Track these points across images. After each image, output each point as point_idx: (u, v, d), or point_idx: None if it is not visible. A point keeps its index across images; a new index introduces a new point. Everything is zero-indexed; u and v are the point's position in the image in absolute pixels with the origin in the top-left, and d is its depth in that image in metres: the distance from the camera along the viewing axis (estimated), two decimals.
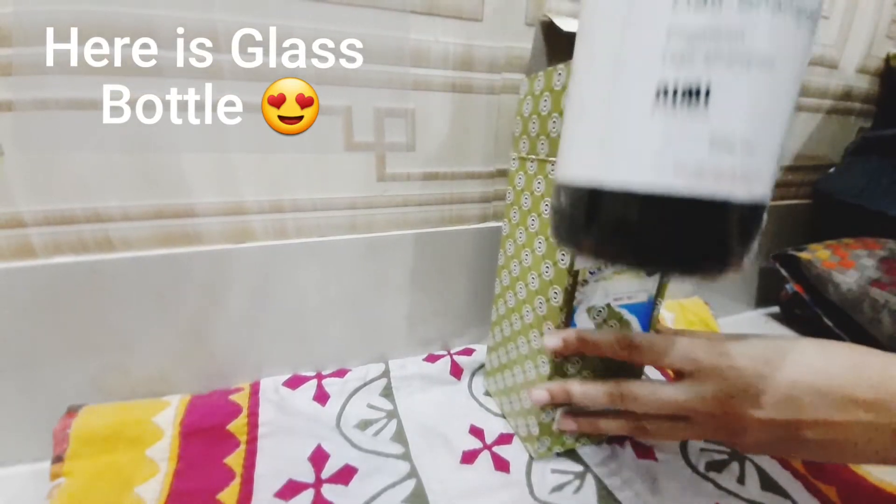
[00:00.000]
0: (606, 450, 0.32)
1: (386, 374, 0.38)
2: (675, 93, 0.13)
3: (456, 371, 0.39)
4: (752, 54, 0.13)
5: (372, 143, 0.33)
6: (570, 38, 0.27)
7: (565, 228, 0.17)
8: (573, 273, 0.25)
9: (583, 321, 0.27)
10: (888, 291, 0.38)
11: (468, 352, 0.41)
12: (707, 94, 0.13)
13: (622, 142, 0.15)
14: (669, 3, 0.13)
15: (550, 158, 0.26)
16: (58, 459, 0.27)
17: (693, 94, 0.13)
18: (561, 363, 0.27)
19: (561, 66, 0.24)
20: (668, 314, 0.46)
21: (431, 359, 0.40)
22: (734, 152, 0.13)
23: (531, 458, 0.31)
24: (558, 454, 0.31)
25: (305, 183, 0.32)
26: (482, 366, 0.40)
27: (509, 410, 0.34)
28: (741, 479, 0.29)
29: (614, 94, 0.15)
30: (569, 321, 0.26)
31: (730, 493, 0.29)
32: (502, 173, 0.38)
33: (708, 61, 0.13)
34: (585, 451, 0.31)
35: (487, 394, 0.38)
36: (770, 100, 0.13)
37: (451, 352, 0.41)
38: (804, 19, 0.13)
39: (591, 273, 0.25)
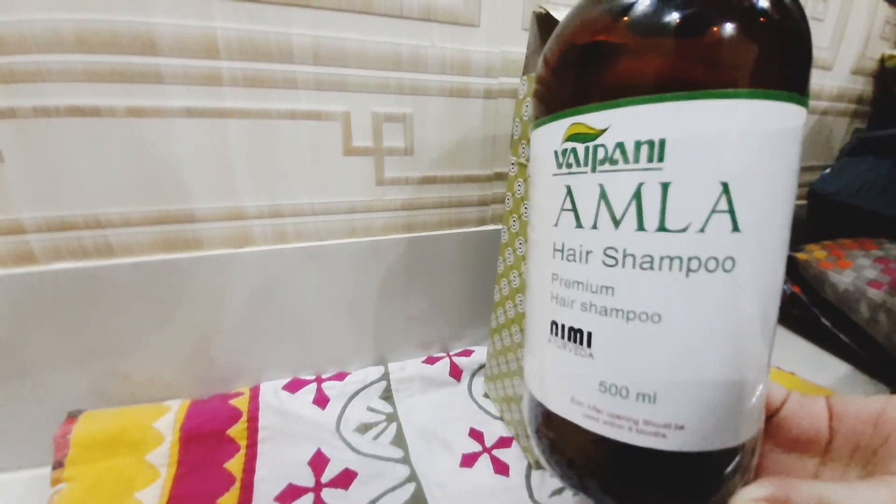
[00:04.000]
0: None
1: (385, 376, 0.38)
2: (562, 331, 0.13)
3: (455, 372, 0.39)
4: (627, 309, 0.12)
5: (370, 148, 0.33)
6: None
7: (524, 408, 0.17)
8: None
9: None
10: (885, 291, 0.39)
11: (467, 353, 0.41)
12: (589, 339, 0.12)
13: (531, 360, 0.15)
14: (550, 250, 0.13)
15: None
16: (58, 465, 0.27)
17: (577, 336, 0.13)
18: None
19: None
20: None
21: (430, 361, 0.40)
22: (628, 399, 0.12)
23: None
24: None
25: (305, 188, 0.33)
26: (481, 367, 0.40)
27: (509, 419, 0.34)
28: None
29: (528, 312, 0.15)
30: None
31: None
32: (500, 176, 0.38)
33: (585, 310, 0.12)
34: None
35: (487, 396, 0.38)
36: (667, 353, 0.11)
37: (451, 353, 0.41)
38: (703, 272, 0.11)
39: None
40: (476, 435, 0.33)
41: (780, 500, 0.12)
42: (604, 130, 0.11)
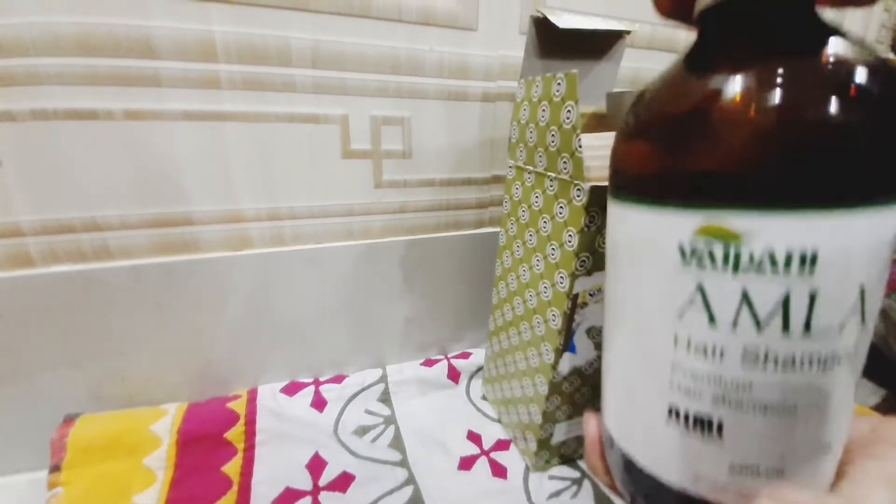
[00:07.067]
0: None
1: (383, 379, 0.38)
2: (686, 418, 0.12)
3: (453, 375, 0.39)
4: (766, 404, 0.11)
5: (369, 151, 0.33)
6: (564, 34, 0.27)
7: (613, 467, 0.16)
8: (572, 297, 0.25)
9: (582, 342, 0.27)
10: None
11: (465, 355, 0.41)
12: (720, 427, 0.12)
13: (643, 434, 0.14)
14: (670, 340, 0.12)
15: (549, 173, 0.25)
16: (55, 469, 0.27)
17: (705, 424, 0.12)
18: (559, 382, 0.27)
19: (560, 74, 0.23)
20: None
21: (429, 363, 0.40)
22: (758, 476, 0.12)
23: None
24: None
25: (303, 190, 0.33)
26: (479, 369, 0.40)
27: (507, 421, 0.34)
28: None
29: (634, 388, 0.14)
30: (567, 343, 0.26)
31: None
32: (498, 179, 0.38)
33: (717, 402, 0.12)
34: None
35: (485, 398, 0.38)
36: (800, 436, 0.12)
37: (449, 356, 0.41)
38: (835, 365, 0.11)
39: (591, 295, 0.25)
40: (474, 437, 0.33)
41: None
42: (750, 235, 0.11)
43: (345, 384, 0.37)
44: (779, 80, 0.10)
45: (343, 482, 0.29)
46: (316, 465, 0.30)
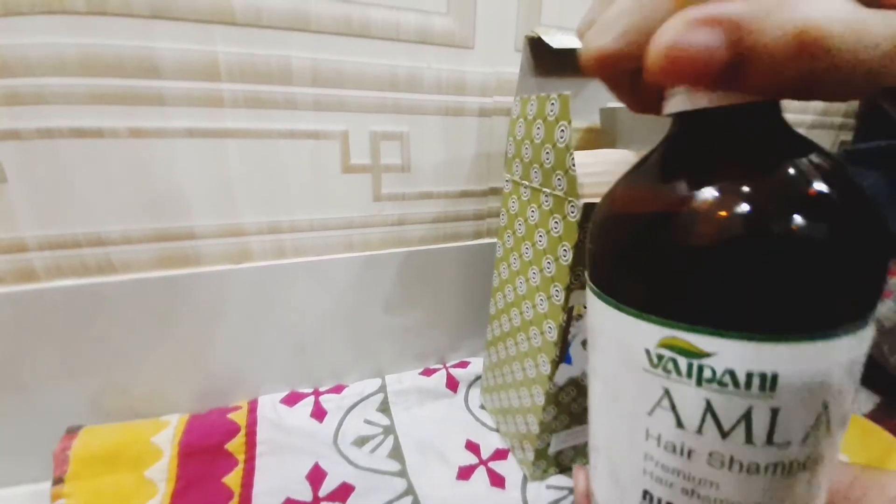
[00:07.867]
0: None
1: (382, 388, 0.39)
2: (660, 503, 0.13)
3: (452, 384, 0.40)
4: (733, 501, 0.12)
5: (368, 165, 0.34)
6: (558, 54, 0.28)
7: None
8: (568, 309, 0.25)
9: (578, 354, 0.27)
10: None
11: (464, 364, 0.42)
12: None
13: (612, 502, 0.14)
14: (642, 432, 0.13)
15: (544, 189, 0.26)
16: (58, 481, 0.27)
17: None
18: (556, 392, 0.28)
19: (554, 95, 0.24)
20: None
21: (427, 373, 0.41)
22: None
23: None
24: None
25: (304, 204, 0.33)
26: (478, 378, 0.41)
27: (505, 431, 0.34)
28: None
29: (614, 464, 0.15)
30: (563, 355, 0.27)
31: None
32: (495, 191, 0.39)
33: (687, 494, 0.12)
34: None
35: (483, 407, 0.38)
36: None
37: (447, 365, 0.41)
38: (800, 470, 0.11)
39: (586, 307, 0.25)
40: (472, 447, 0.34)
41: None
42: (711, 354, 0.11)
43: (344, 394, 0.37)
44: (732, 213, 0.10)
45: (343, 493, 0.29)
46: (316, 476, 0.30)
